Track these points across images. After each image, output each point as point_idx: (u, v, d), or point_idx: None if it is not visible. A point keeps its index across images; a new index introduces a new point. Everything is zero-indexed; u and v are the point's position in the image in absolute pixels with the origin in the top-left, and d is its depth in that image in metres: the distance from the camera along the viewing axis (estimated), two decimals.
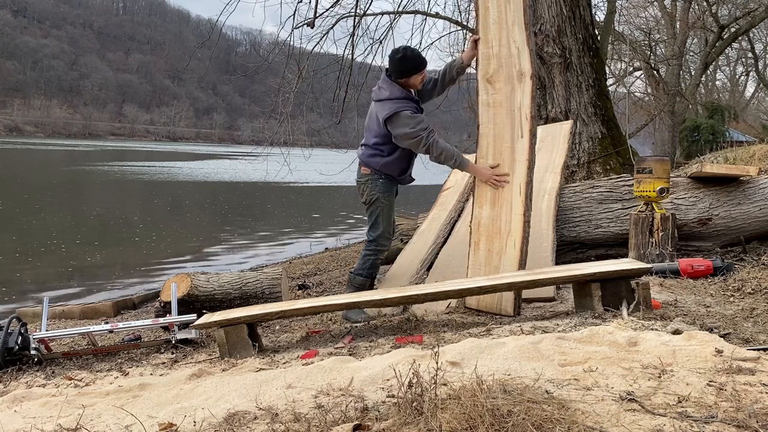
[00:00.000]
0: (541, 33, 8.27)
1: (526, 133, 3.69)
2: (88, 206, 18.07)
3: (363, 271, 4.25)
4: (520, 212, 3.65)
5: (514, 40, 3.76)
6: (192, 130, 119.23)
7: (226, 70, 67.55)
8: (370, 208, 4.23)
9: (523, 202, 3.65)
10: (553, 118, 8.07)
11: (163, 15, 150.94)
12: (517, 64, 3.76)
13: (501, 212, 3.75)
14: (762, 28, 23.32)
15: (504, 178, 3.75)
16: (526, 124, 3.69)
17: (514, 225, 3.67)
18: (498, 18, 3.83)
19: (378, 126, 4.08)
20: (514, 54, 3.76)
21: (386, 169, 4.15)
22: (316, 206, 20.81)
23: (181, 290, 4.18)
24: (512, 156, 3.73)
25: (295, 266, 8.70)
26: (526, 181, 3.66)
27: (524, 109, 3.70)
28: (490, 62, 3.86)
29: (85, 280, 8.82)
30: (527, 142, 3.68)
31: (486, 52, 3.88)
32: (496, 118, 3.82)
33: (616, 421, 1.61)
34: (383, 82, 4.10)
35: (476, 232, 3.86)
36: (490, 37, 3.87)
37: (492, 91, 3.84)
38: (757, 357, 2.04)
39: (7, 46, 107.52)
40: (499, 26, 3.82)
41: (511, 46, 3.78)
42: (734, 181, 4.96)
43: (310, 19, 10.59)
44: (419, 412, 1.65)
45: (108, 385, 2.72)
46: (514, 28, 3.77)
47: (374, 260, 4.27)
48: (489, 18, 3.87)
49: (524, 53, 3.73)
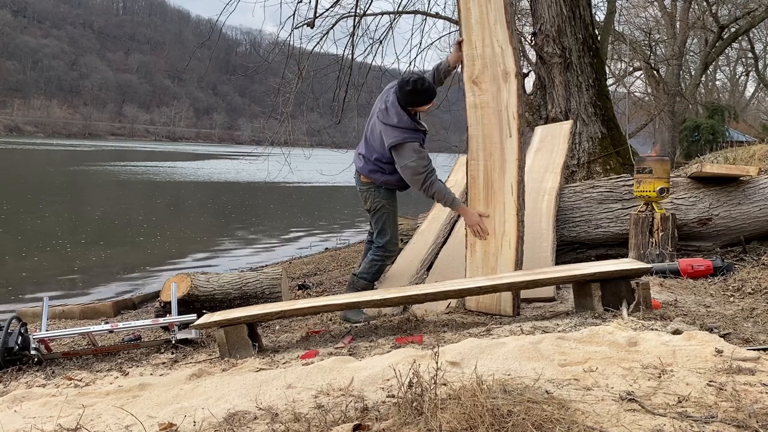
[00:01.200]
0: (541, 33, 8.27)
1: (515, 132, 3.68)
2: (88, 206, 18.08)
3: (368, 276, 4.24)
4: (513, 212, 3.65)
5: (497, 39, 3.74)
6: (192, 130, 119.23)
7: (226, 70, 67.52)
8: (375, 215, 4.21)
9: (515, 201, 3.65)
10: (553, 118, 8.07)
11: (163, 15, 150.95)
12: (501, 63, 3.74)
13: (495, 213, 3.74)
14: (762, 28, 23.31)
15: (484, 234, 3.76)
16: (513, 123, 3.68)
17: (509, 225, 3.67)
18: (480, 18, 3.81)
19: (382, 147, 4.02)
20: (498, 53, 3.75)
21: (387, 185, 4.15)
22: (317, 206, 20.81)
23: (181, 290, 4.19)
24: (502, 156, 3.72)
25: (295, 266, 8.70)
26: (517, 181, 3.66)
27: (511, 108, 3.69)
28: (474, 63, 3.84)
29: (85, 280, 8.82)
30: (516, 141, 3.67)
31: (470, 54, 3.86)
32: (484, 118, 3.81)
33: (616, 421, 1.61)
34: (392, 106, 3.97)
35: (471, 234, 3.85)
36: (474, 38, 3.85)
37: (478, 92, 3.83)
38: (757, 357, 2.03)
39: (7, 46, 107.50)
40: (482, 26, 3.80)
41: (495, 45, 3.76)
42: (734, 181, 4.96)
43: (310, 19, 10.60)
44: (419, 412, 1.65)
45: (108, 385, 2.72)
46: (496, 27, 3.75)
47: (381, 265, 4.27)
48: (471, 18, 3.84)
49: (508, 52, 3.72)
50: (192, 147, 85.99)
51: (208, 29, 13.08)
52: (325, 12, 10.78)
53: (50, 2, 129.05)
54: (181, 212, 18.07)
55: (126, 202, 19.44)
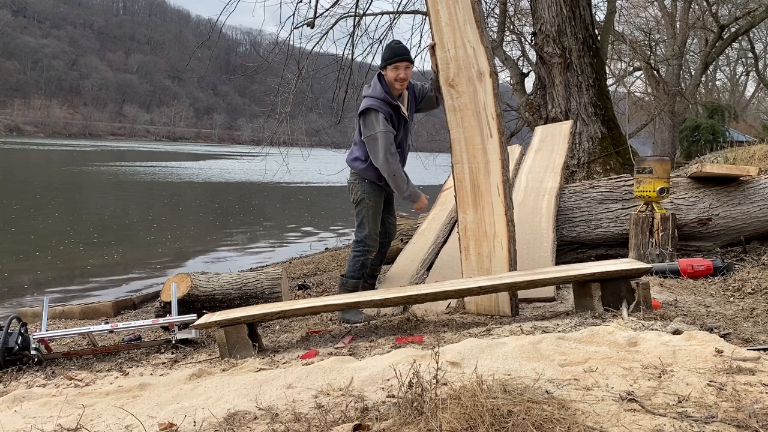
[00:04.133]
0: (541, 33, 8.28)
1: (495, 132, 3.65)
2: (88, 206, 18.08)
3: (354, 273, 4.26)
4: (501, 212, 3.63)
5: (468, 39, 3.70)
6: (192, 130, 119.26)
7: (226, 70, 67.57)
8: (356, 208, 4.23)
9: (503, 202, 3.62)
10: (553, 118, 8.08)
11: (163, 15, 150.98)
12: (474, 64, 3.70)
13: (484, 215, 3.72)
14: (762, 28, 23.33)
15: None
16: (493, 123, 3.65)
17: (498, 226, 3.65)
18: (449, 20, 3.76)
19: (359, 131, 4.10)
20: (471, 54, 3.71)
21: (365, 174, 4.14)
22: (317, 206, 20.80)
23: (181, 290, 4.19)
24: (485, 157, 3.70)
25: (295, 266, 8.69)
26: (502, 180, 3.63)
27: (489, 108, 3.66)
28: (449, 66, 3.80)
29: (85, 280, 8.82)
30: (497, 141, 3.64)
31: (444, 57, 3.83)
32: (464, 121, 3.77)
33: (616, 421, 1.61)
34: (373, 79, 4.11)
35: (464, 237, 3.84)
36: (445, 41, 3.81)
37: (456, 94, 3.80)
38: (757, 357, 2.03)
39: (7, 46, 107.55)
40: (452, 28, 3.76)
41: (467, 46, 3.72)
42: (734, 181, 4.96)
43: (310, 19, 10.61)
44: (419, 412, 1.65)
45: (108, 385, 2.72)
46: (466, 28, 3.70)
47: (363, 260, 4.26)
48: (441, 21, 3.80)
49: (480, 51, 3.68)
50: (192, 147, 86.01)
51: (208, 29, 13.10)
52: (325, 12, 10.80)
53: (50, 2, 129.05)
54: (181, 212, 18.07)
55: (126, 203, 19.45)
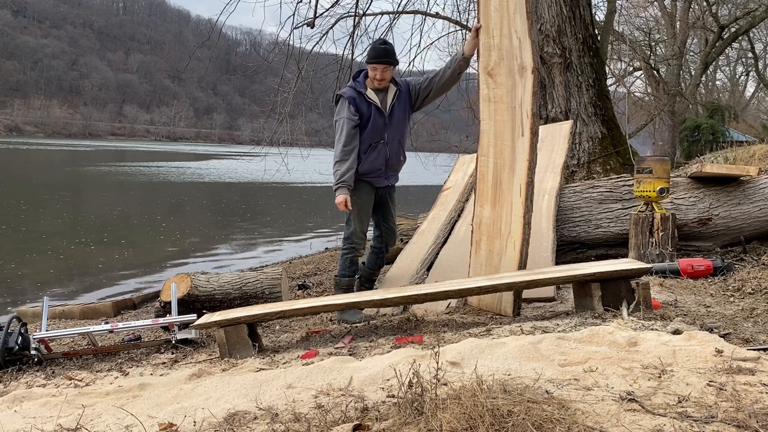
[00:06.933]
0: (541, 33, 8.27)
1: (527, 131, 3.49)
2: (88, 206, 18.07)
3: (345, 271, 4.29)
4: (520, 214, 3.53)
5: (516, 30, 3.51)
6: (192, 130, 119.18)
7: (226, 70, 67.49)
8: None
9: (523, 203, 3.51)
10: (553, 118, 8.07)
11: (163, 15, 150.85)
12: (518, 56, 3.52)
13: (501, 213, 3.64)
14: (762, 28, 23.31)
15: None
16: (527, 122, 3.50)
17: (514, 227, 3.57)
18: (500, 5, 3.57)
19: None
20: (516, 45, 3.52)
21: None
22: (317, 206, 20.79)
23: (181, 290, 4.19)
24: (513, 155, 3.57)
25: (295, 266, 8.69)
26: (526, 182, 3.50)
27: (525, 106, 3.50)
28: (491, 53, 3.63)
29: (85, 280, 8.81)
30: (528, 141, 3.49)
31: (487, 43, 3.65)
32: (497, 114, 3.64)
33: (616, 421, 1.61)
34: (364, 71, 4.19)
35: (477, 232, 3.80)
36: (491, 26, 3.63)
37: (493, 85, 3.64)
38: (757, 357, 2.03)
39: (7, 46, 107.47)
40: (501, 14, 3.57)
41: (513, 36, 3.53)
42: (734, 181, 4.96)
43: (310, 19, 10.60)
44: (419, 412, 1.65)
45: (108, 385, 2.72)
46: (515, 17, 3.51)
47: (351, 258, 4.28)
48: (491, 5, 3.62)
49: (526, 44, 3.48)
50: (192, 147, 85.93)
51: (208, 29, 13.09)
52: (325, 12, 10.79)
53: (50, 2, 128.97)
54: (181, 212, 18.07)
55: (126, 203, 19.43)
